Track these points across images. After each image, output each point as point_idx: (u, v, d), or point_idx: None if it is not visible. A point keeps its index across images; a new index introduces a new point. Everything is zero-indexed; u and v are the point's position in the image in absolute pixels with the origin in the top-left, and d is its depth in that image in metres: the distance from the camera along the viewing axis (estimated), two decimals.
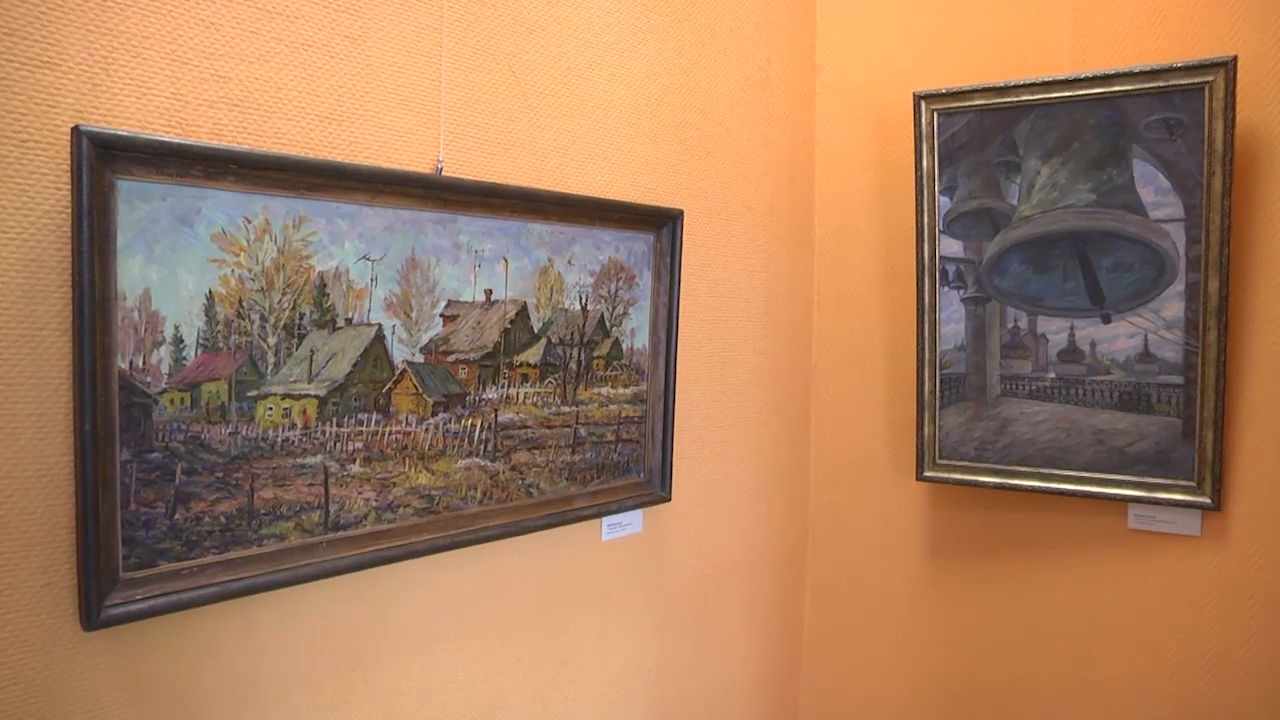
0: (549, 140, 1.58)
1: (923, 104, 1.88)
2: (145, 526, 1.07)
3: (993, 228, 1.86)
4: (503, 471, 1.47)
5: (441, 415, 1.38)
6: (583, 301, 1.58)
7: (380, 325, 1.29)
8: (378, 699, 1.38)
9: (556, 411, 1.55)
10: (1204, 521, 1.73)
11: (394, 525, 1.33)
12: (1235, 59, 1.56)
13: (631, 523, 1.78)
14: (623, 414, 1.67)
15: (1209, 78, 1.58)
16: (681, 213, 1.72)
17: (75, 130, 0.96)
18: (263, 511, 1.18)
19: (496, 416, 1.46)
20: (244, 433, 1.15)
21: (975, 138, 1.85)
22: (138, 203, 1.03)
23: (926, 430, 1.95)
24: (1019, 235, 1.83)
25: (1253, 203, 1.66)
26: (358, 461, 1.28)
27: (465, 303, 1.39)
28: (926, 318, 1.94)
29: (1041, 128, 1.78)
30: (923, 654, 2.11)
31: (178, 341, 1.08)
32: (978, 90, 1.82)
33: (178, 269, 1.08)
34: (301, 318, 1.20)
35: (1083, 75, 1.71)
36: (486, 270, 1.42)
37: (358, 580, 1.33)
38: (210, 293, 1.11)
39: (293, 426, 1.20)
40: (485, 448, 1.44)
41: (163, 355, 1.07)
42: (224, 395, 1.13)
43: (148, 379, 1.06)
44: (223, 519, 1.14)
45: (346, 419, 1.26)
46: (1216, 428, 1.66)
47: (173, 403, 1.09)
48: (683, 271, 1.75)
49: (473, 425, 1.42)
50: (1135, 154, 1.69)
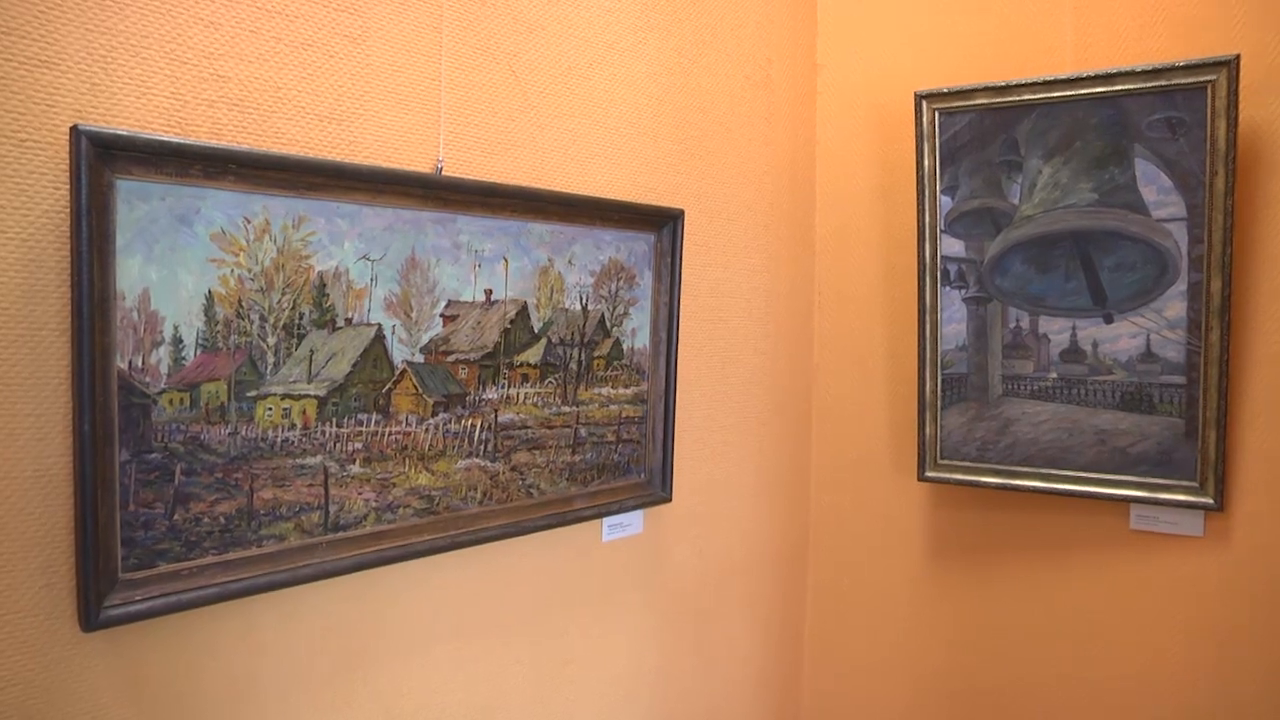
0: (549, 140, 1.57)
1: (924, 103, 1.87)
2: (144, 527, 1.06)
3: (994, 227, 1.85)
4: (503, 472, 1.47)
5: (441, 415, 1.37)
6: (583, 301, 1.58)
7: (380, 325, 1.28)
8: (378, 700, 1.38)
9: (557, 412, 1.55)
10: (1206, 522, 1.72)
11: (394, 526, 1.32)
12: (1238, 58, 1.56)
13: (632, 523, 1.77)
14: (623, 414, 1.67)
15: (1211, 76, 1.58)
16: (682, 212, 1.72)
17: (74, 130, 0.96)
18: (262, 512, 1.17)
19: (497, 417, 1.45)
20: (243, 433, 1.15)
21: (977, 137, 1.85)
22: (137, 202, 1.03)
23: (928, 430, 1.95)
24: (1021, 235, 1.82)
25: (1255, 202, 1.66)
26: (357, 462, 1.27)
27: (465, 303, 1.39)
28: (928, 318, 1.93)
29: (1043, 127, 1.77)
30: (924, 654, 2.10)
31: (177, 342, 1.08)
32: (979, 89, 1.81)
33: (177, 269, 1.07)
34: (301, 318, 1.20)
35: (1085, 74, 1.70)
36: (486, 270, 1.41)
37: (357, 581, 1.32)
38: (210, 293, 1.11)
39: (292, 427, 1.20)
40: (485, 448, 1.44)
41: (162, 355, 1.07)
42: (223, 395, 1.13)
43: (147, 379, 1.06)
44: (222, 519, 1.14)
45: (346, 419, 1.26)
46: (1219, 428, 1.65)
47: (172, 403, 1.08)
48: (683, 271, 1.75)
49: (473, 425, 1.42)
50: (1137, 153, 1.69)
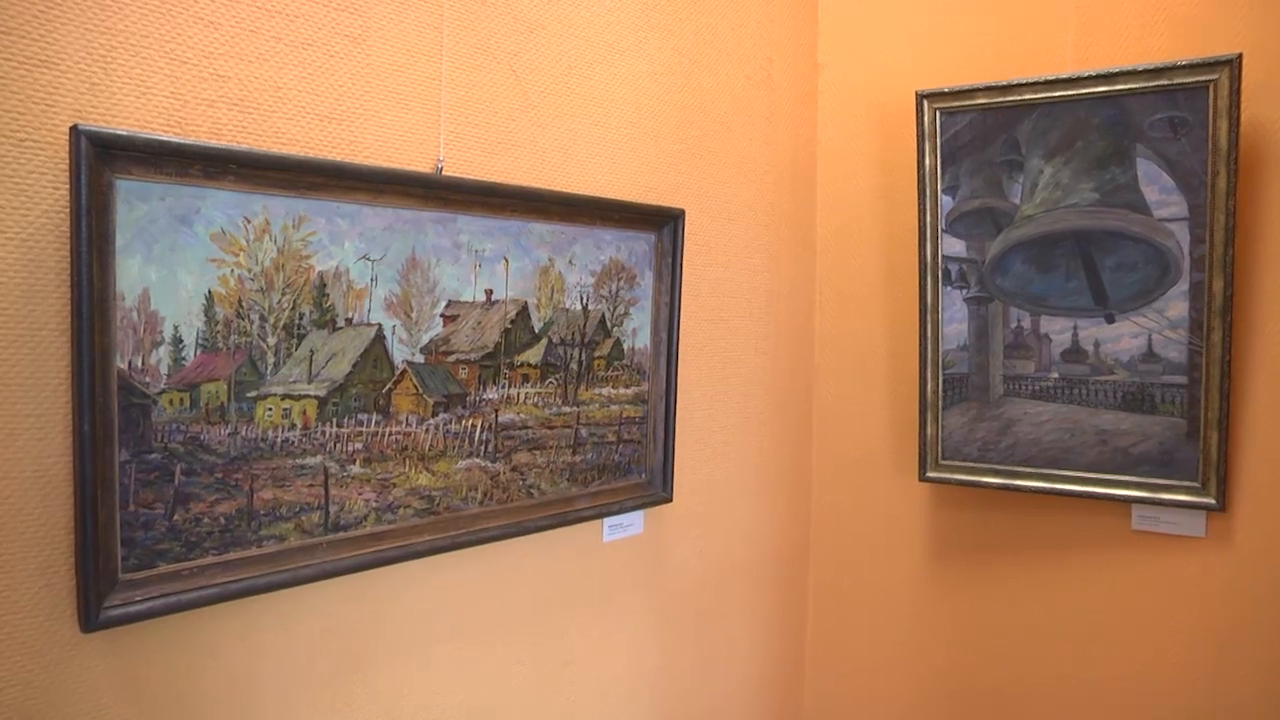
0: (550, 139, 1.57)
1: (925, 103, 1.87)
2: (144, 527, 1.06)
3: (995, 227, 1.85)
4: (503, 472, 1.47)
5: (442, 416, 1.37)
6: (584, 301, 1.58)
7: (380, 325, 1.28)
8: (378, 700, 1.38)
9: (557, 412, 1.54)
10: (1208, 523, 1.72)
11: (394, 526, 1.32)
12: (1240, 57, 1.55)
13: (633, 523, 1.77)
14: (624, 414, 1.66)
15: (1213, 76, 1.57)
16: (683, 212, 1.71)
17: (74, 129, 0.96)
18: (262, 512, 1.17)
19: (497, 417, 1.45)
20: (243, 433, 1.15)
21: (978, 137, 1.84)
22: (136, 202, 1.03)
23: (929, 431, 1.95)
24: (1022, 235, 1.82)
25: (1257, 201, 1.65)
26: (358, 462, 1.27)
27: (466, 303, 1.39)
28: (929, 317, 1.93)
29: (1044, 126, 1.77)
30: (925, 654, 2.10)
31: (177, 342, 1.08)
32: (980, 89, 1.81)
33: (177, 269, 1.07)
34: (301, 318, 1.20)
35: (1086, 74, 1.70)
36: (487, 270, 1.41)
37: (358, 581, 1.32)
38: (209, 293, 1.10)
39: (292, 427, 1.20)
40: (486, 448, 1.44)
41: (162, 355, 1.07)
42: (223, 396, 1.13)
43: (147, 379, 1.06)
44: (222, 520, 1.13)
45: (346, 419, 1.26)
46: (1221, 428, 1.65)
47: (172, 403, 1.08)
48: (684, 271, 1.75)
49: (473, 426, 1.42)
50: (1139, 153, 1.68)
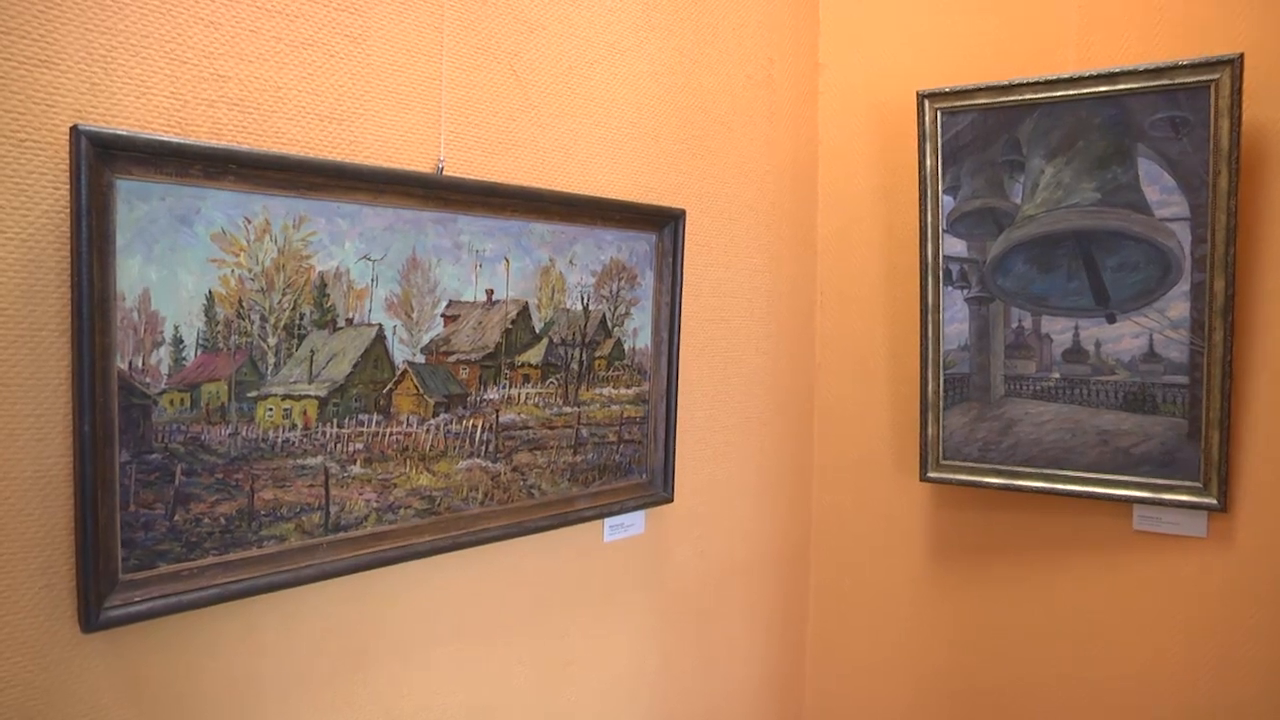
0: (550, 139, 1.57)
1: (926, 103, 1.87)
2: (144, 528, 1.06)
3: (996, 227, 1.85)
4: (504, 472, 1.46)
5: (443, 416, 1.37)
6: (585, 301, 1.57)
7: (381, 325, 1.28)
8: (378, 700, 1.37)
9: (558, 412, 1.54)
10: (1210, 523, 1.72)
11: (395, 526, 1.32)
12: (1241, 56, 1.55)
13: (634, 524, 1.77)
14: (625, 414, 1.66)
15: (1215, 75, 1.57)
16: (684, 212, 1.71)
17: (74, 129, 0.96)
18: (263, 513, 1.17)
19: (498, 417, 1.45)
20: (244, 434, 1.15)
21: (979, 137, 1.84)
22: (137, 202, 1.03)
23: (930, 431, 1.95)
24: (1023, 235, 1.82)
25: (1259, 201, 1.65)
26: (358, 462, 1.27)
27: (466, 303, 1.39)
28: (930, 318, 1.93)
29: (1045, 126, 1.77)
30: (926, 654, 2.10)
31: (177, 342, 1.08)
32: (981, 89, 1.81)
33: (177, 269, 1.07)
34: (302, 318, 1.20)
35: (1087, 74, 1.70)
36: (488, 270, 1.41)
37: (358, 581, 1.32)
38: (210, 293, 1.10)
39: (293, 427, 1.20)
40: (487, 448, 1.44)
41: (162, 356, 1.07)
42: (224, 396, 1.13)
43: (147, 380, 1.06)
44: (223, 520, 1.13)
45: (347, 420, 1.25)
46: (1223, 428, 1.64)
47: (172, 403, 1.08)
48: (685, 271, 1.75)
49: (474, 426, 1.42)
50: (1140, 153, 1.68)
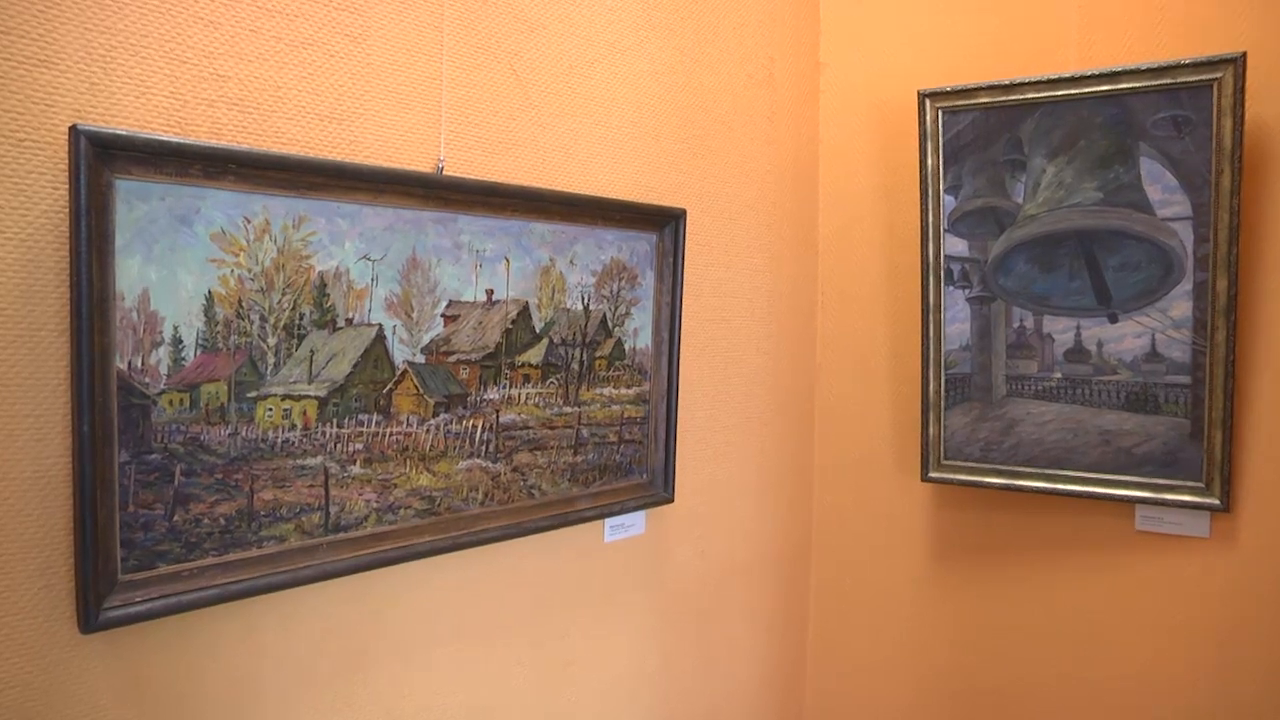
0: (551, 139, 1.57)
1: (927, 102, 1.86)
2: (144, 528, 1.06)
3: (998, 227, 1.84)
4: (504, 472, 1.46)
5: (443, 416, 1.37)
6: (585, 301, 1.57)
7: (381, 325, 1.28)
8: (379, 701, 1.37)
9: (559, 412, 1.54)
10: (1212, 523, 1.71)
11: (395, 527, 1.32)
12: (1244, 55, 1.54)
13: (634, 524, 1.77)
14: (625, 414, 1.66)
15: (1217, 74, 1.57)
16: (684, 212, 1.71)
17: (73, 129, 0.96)
18: (262, 513, 1.17)
19: (498, 417, 1.45)
20: (243, 434, 1.15)
21: (980, 136, 1.84)
22: (136, 202, 1.03)
23: (931, 431, 1.94)
24: (1025, 234, 1.81)
25: (1262, 200, 1.65)
26: (358, 463, 1.27)
27: (466, 303, 1.38)
28: (931, 317, 1.93)
29: (1047, 126, 1.76)
30: (927, 654, 2.10)
31: (177, 342, 1.08)
32: (983, 88, 1.81)
33: (177, 269, 1.07)
34: (301, 318, 1.19)
35: (1089, 73, 1.69)
36: (488, 270, 1.41)
37: (358, 582, 1.32)
38: (209, 293, 1.10)
39: (293, 427, 1.19)
40: (487, 449, 1.43)
41: (162, 356, 1.07)
42: (223, 396, 1.12)
43: (146, 380, 1.05)
44: (222, 521, 1.13)
45: (347, 420, 1.25)
46: (1225, 428, 1.64)
47: (172, 404, 1.08)
48: (685, 271, 1.74)
49: (474, 426, 1.41)
50: (1142, 152, 1.68)
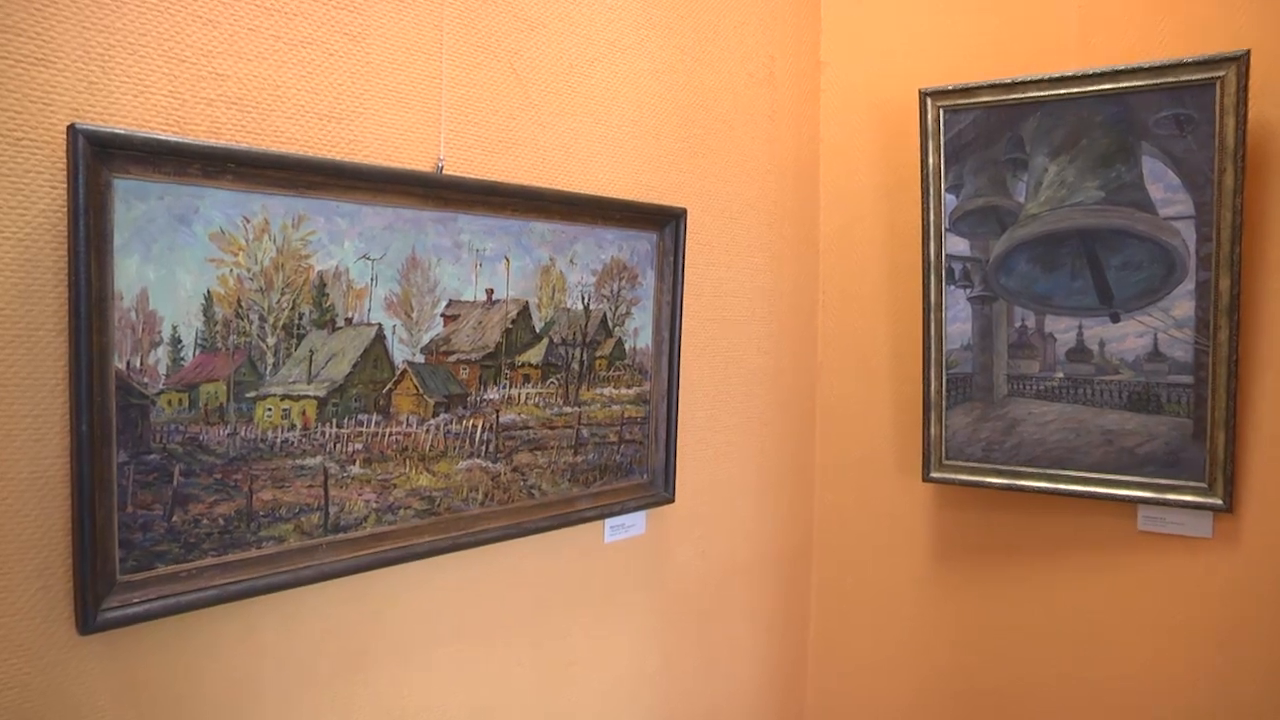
0: (551, 138, 1.56)
1: (929, 101, 1.86)
2: (142, 529, 1.06)
3: (1000, 226, 1.84)
4: (504, 473, 1.46)
5: (442, 416, 1.36)
6: (585, 301, 1.57)
7: (380, 325, 1.28)
8: (379, 701, 1.37)
9: (559, 412, 1.54)
10: (1215, 523, 1.70)
11: (394, 527, 1.31)
12: (1248, 53, 1.53)
13: (634, 524, 1.76)
14: (625, 414, 1.66)
15: (1220, 73, 1.56)
16: (685, 211, 1.70)
17: (71, 128, 0.95)
18: (262, 513, 1.17)
19: (498, 417, 1.44)
20: (243, 434, 1.14)
21: (982, 135, 1.83)
22: (135, 202, 1.02)
23: (933, 430, 1.94)
24: (1026, 233, 1.81)
25: (1264, 199, 1.64)
26: (358, 463, 1.26)
27: (466, 302, 1.38)
28: (933, 317, 1.92)
29: (1049, 125, 1.76)
30: (929, 654, 2.09)
31: (175, 342, 1.07)
32: (984, 87, 1.80)
33: (175, 268, 1.06)
34: (301, 318, 1.19)
35: (1091, 71, 1.69)
36: (488, 269, 1.40)
37: (358, 582, 1.31)
38: (208, 292, 1.10)
39: (292, 428, 1.19)
40: (487, 449, 1.43)
41: (160, 356, 1.06)
42: (222, 396, 1.12)
43: (145, 380, 1.05)
44: (221, 521, 1.13)
45: (346, 420, 1.25)
46: (1228, 428, 1.63)
47: (170, 404, 1.08)
48: (686, 270, 1.74)
49: (474, 426, 1.41)
50: (1144, 151, 1.67)
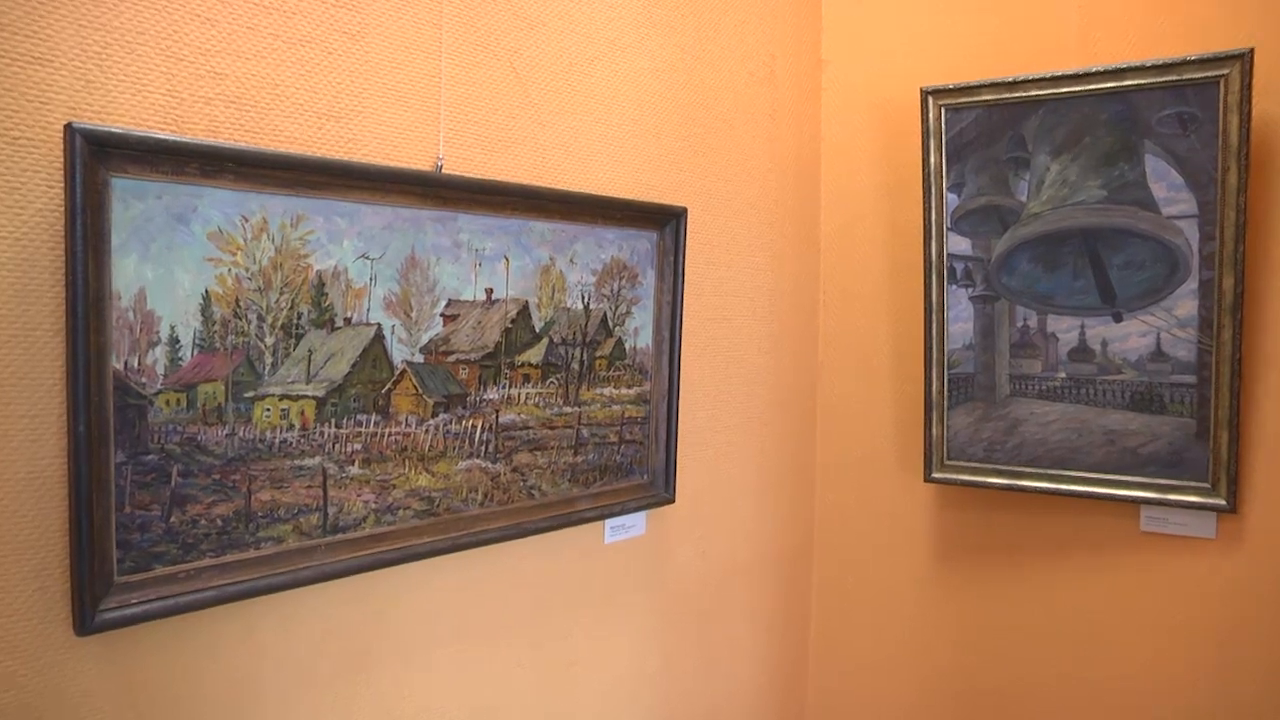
0: (550, 137, 1.56)
1: (930, 99, 1.85)
2: (140, 529, 1.05)
3: (1001, 225, 1.83)
4: (504, 473, 1.45)
5: (442, 416, 1.36)
6: (585, 300, 1.56)
7: (379, 325, 1.27)
8: (379, 702, 1.36)
9: (559, 412, 1.53)
10: (1218, 524, 1.70)
11: (393, 528, 1.31)
12: (1252, 51, 1.53)
13: (635, 524, 1.76)
14: (626, 414, 1.65)
15: (1224, 71, 1.55)
16: (685, 210, 1.70)
17: (68, 127, 0.95)
18: (260, 514, 1.16)
19: (498, 417, 1.44)
20: (241, 434, 1.14)
21: (983, 133, 1.82)
22: (132, 201, 1.02)
23: (934, 430, 1.93)
24: (1028, 232, 1.80)
25: (1268, 198, 1.63)
26: (356, 463, 1.26)
27: (466, 302, 1.38)
28: (934, 316, 1.91)
29: (1051, 123, 1.75)
30: (930, 654, 2.09)
31: (174, 342, 1.07)
32: (986, 85, 1.79)
33: (174, 268, 1.06)
34: (299, 317, 1.19)
35: (1093, 70, 1.68)
36: (487, 269, 1.40)
37: (358, 583, 1.31)
38: (207, 292, 1.09)
39: (290, 428, 1.19)
40: (486, 449, 1.43)
41: (158, 356, 1.06)
42: (221, 396, 1.12)
43: (143, 380, 1.05)
44: (219, 522, 1.12)
45: (345, 420, 1.24)
46: (1231, 428, 1.63)
47: (168, 404, 1.07)
48: (686, 270, 1.73)
49: (473, 426, 1.41)
50: (1147, 149, 1.66)
